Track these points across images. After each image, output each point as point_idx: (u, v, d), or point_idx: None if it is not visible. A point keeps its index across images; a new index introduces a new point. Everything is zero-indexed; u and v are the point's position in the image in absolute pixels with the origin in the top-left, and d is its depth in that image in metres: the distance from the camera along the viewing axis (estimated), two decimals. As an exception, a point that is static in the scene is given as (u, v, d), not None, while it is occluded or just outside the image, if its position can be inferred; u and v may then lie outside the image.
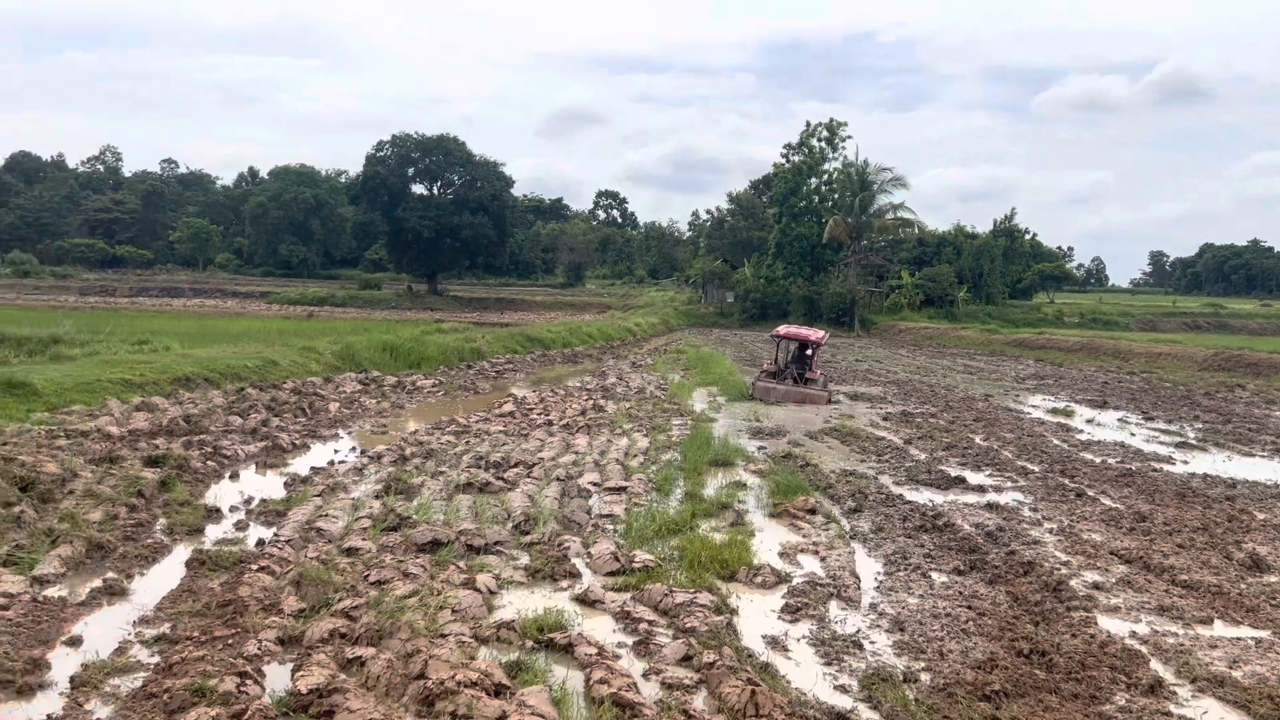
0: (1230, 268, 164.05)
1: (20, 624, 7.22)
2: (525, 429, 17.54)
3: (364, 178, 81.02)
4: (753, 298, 63.98)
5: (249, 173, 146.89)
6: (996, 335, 51.50)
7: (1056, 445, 17.78)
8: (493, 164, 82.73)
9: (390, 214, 79.58)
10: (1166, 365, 38.56)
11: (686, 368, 31.45)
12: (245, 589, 7.95)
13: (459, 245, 79.30)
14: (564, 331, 39.17)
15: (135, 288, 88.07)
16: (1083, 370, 37.17)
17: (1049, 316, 66.82)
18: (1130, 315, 72.40)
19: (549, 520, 10.83)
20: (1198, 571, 9.59)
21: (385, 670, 6.48)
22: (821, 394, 23.44)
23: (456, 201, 79.72)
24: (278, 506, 11.26)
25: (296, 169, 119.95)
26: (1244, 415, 23.21)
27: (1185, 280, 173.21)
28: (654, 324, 53.95)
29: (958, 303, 64.36)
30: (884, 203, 61.39)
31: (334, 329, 40.25)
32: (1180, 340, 46.70)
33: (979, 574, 9.43)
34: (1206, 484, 14.31)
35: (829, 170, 64.70)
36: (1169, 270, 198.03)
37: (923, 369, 36.08)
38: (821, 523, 11.29)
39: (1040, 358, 43.09)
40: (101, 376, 18.35)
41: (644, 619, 7.85)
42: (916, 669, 7.02)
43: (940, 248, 68.85)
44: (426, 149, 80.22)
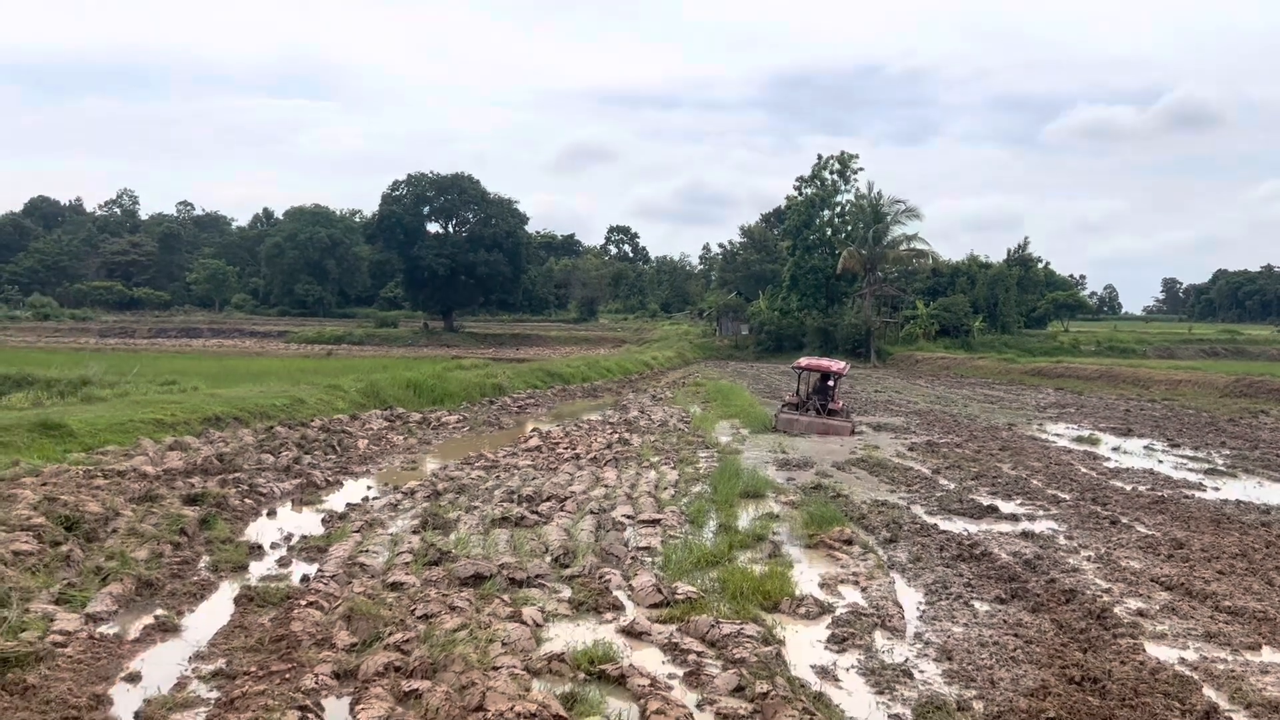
0: (1244, 294, 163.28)
1: (80, 661, 7.32)
2: (553, 463, 17.63)
3: (380, 216, 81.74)
4: (767, 330, 64.14)
5: (264, 213, 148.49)
6: (1014, 364, 51.43)
7: (1085, 473, 17.76)
8: (507, 201, 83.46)
9: (406, 252, 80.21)
10: (1187, 392, 38.42)
11: (706, 400, 31.52)
12: (298, 624, 8.04)
13: (474, 282, 79.78)
14: (583, 366, 39.34)
15: (154, 329, 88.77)
16: (1103, 398, 37.07)
17: (1065, 345, 66.69)
18: (1147, 343, 72.19)
19: (587, 553, 10.89)
20: (1240, 598, 9.58)
21: (444, 703, 6.54)
22: (845, 425, 23.47)
23: (472, 239, 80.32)
24: (318, 543, 11.36)
25: (311, 209, 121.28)
26: (1270, 441, 23.12)
27: (1199, 307, 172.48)
28: (670, 357, 54.09)
29: (973, 332, 64.36)
30: (898, 234, 61.71)
31: (354, 367, 40.53)
32: (1200, 367, 46.56)
33: (1021, 602, 9.44)
34: (1240, 510, 14.27)
35: (841, 202, 65.08)
36: (1182, 297, 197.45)
37: (942, 399, 36.05)
38: (859, 553, 11.32)
39: (1059, 386, 42.99)
40: (134, 417, 18.53)
41: (692, 650, 7.90)
42: (968, 697, 7.04)
43: (954, 278, 68.96)
44: (441, 187, 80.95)
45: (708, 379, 42.13)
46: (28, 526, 10.80)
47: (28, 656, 7.07)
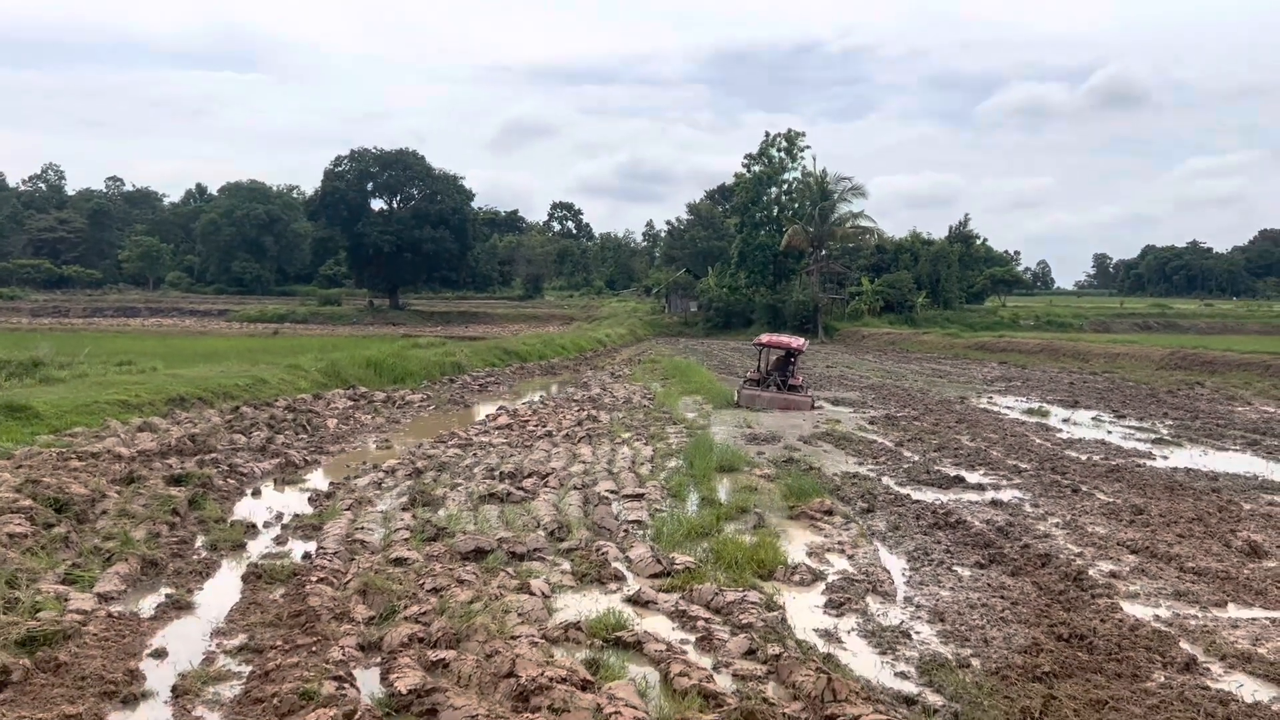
0: (1171, 269, 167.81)
1: (105, 638, 7.42)
2: (528, 440, 17.84)
3: (323, 193, 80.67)
4: (716, 307, 64.77)
5: (197, 189, 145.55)
6: (958, 339, 52.65)
7: (1040, 444, 18.44)
8: (452, 178, 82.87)
9: (350, 229, 79.34)
10: (1126, 365, 39.73)
11: (665, 377, 31.89)
12: (315, 599, 8.21)
13: (420, 259, 79.25)
14: (539, 344, 39.48)
15: (88, 308, 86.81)
16: (1046, 371, 38.20)
17: (1005, 320, 68.38)
18: (1083, 317, 74.27)
19: (579, 527, 11.16)
20: (1203, 559, 10.16)
21: (475, 670, 6.79)
22: (805, 400, 24.00)
23: (417, 216, 79.68)
24: (311, 521, 11.49)
25: (248, 185, 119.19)
26: (1209, 412, 24.12)
27: (1129, 282, 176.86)
28: (622, 334, 54.42)
29: (917, 308, 65.64)
30: (844, 211, 62.59)
31: (304, 346, 40.11)
32: (1136, 340, 48.12)
33: (1000, 567, 9.93)
34: (1190, 478, 14.99)
35: (788, 180, 65.75)
36: (1112, 272, 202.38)
37: (892, 373, 36.85)
38: (841, 523, 11.75)
39: (1003, 360, 44.16)
40: (99, 398, 18.34)
41: (699, 617, 8.23)
42: (966, 655, 7.46)
43: (898, 254, 70.17)
44: (385, 163, 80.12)
45: (662, 356, 42.51)
46: (16, 509, 10.75)
47: (55, 634, 7.17)
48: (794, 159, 65.34)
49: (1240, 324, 75.74)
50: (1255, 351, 38.82)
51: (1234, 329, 71.08)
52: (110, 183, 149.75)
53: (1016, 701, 6.48)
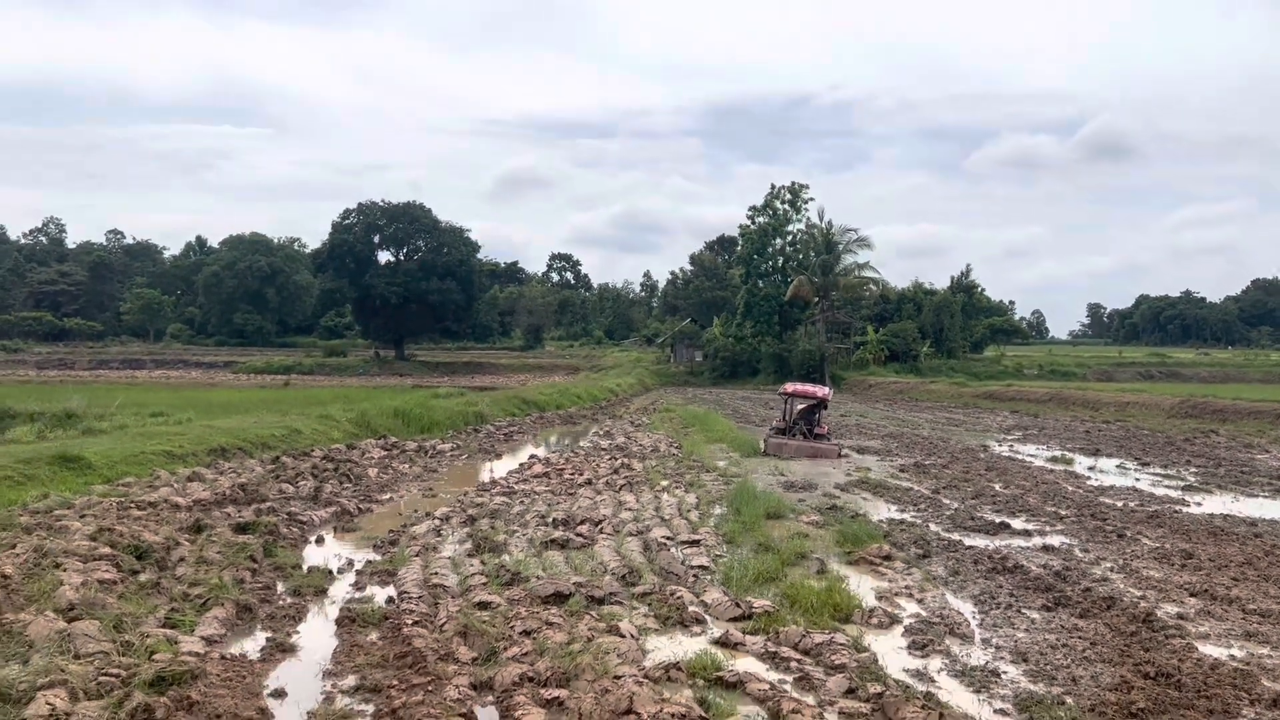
0: (1166, 318, 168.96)
1: (227, 679, 7.65)
2: (570, 489, 18.09)
3: (331, 245, 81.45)
4: (723, 356, 65.28)
5: (197, 242, 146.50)
6: (965, 388, 53.10)
7: (1073, 491, 18.72)
8: (458, 230, 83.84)
9: (358, 281, 79.99)
10: (1137, 413, 40.12)
11: (685, 426, 32.18)
12: (419, 641, 8.45)
13: (426, 310, 79.84)
14: (555, 394, 39.82)
15: (93, 360, 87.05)
16: (1059, 420, 38.56)
17: (1009, 369, 68.92)
18: (1086, 366, 74.86)
19: (647, 572, 11.40)
20: (1263, 601, 10.43)
21: (595, 707, 7.02)
22: (832, 448, 24.30)
23: (424, 267, 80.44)
24: (385, 567, 11.72)
25: (249, 238, 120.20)
26: (1230, 459, 24.46)
27: (1123, 331, 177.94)
28: (632, 384, 54.80)
29: (921, 357, 66.21)
30: (849, 262, 63.38)
31: (316, 397, 40.41)
32: (1145, 389, 48.56)
33: (1067, 610, 10.17)
34: (1230, 524, 15.27)
35: (793, 231, 66.66)
36: (1106, 322, 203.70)
37: (906, 422, 37.17)
38: (902, 568, 12.00)
39: (1014, 409, 44.54)
40: (145, 449, 18.60)
41: (790, 658, 8.47)
42: (1058, 694, 7.70)
43: (901, 304, 70.88)
44: (393, 216, 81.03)
45: (675, 405, 42.84)
46: (99, 556, 11.02)
47: (183, 674, 7.39)
48: (798, 210, 66.36)
49: (1241, 373, 76.38)
50: (1265, 400, 39.28)
51: (1235, 378, 71.65)
52: (111, 235, 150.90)
53: (1122, 736, 6.72)
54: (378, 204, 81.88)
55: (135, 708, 6.69)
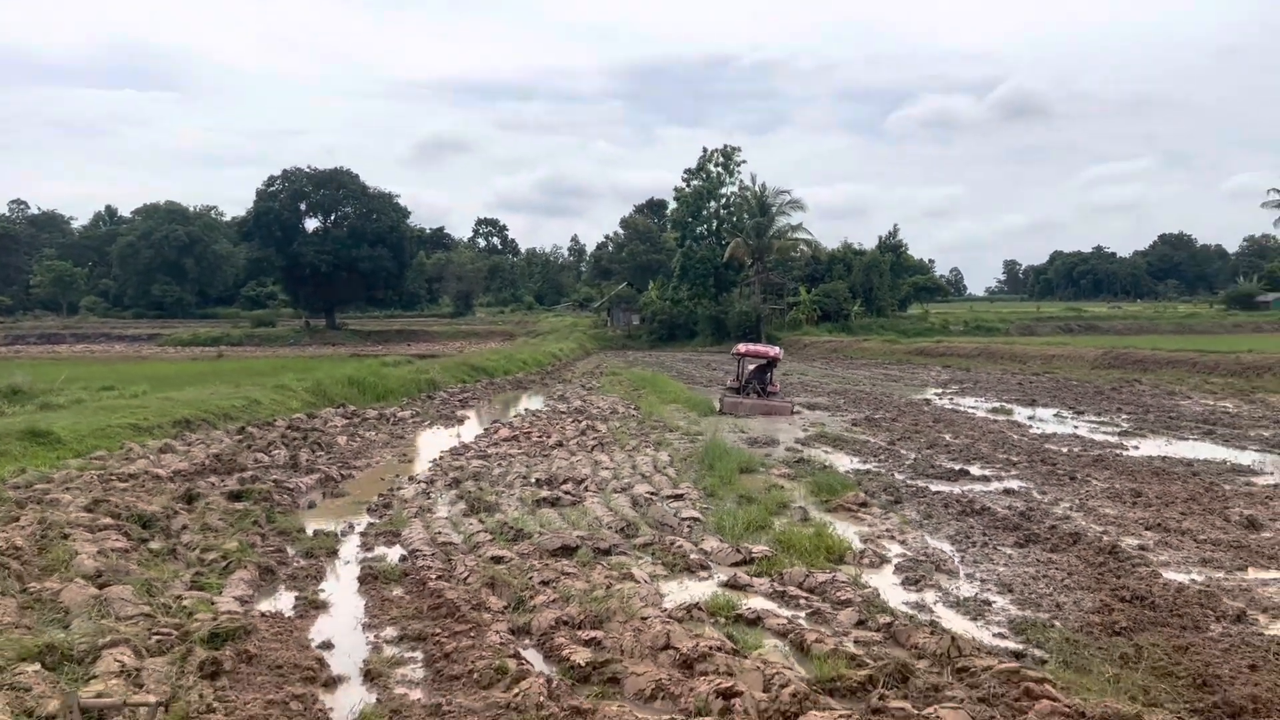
0: (1078, 273, 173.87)
1: (276, 634, 8.01)
2: (544, 450, 18.51)
3: (256, 213, 79.84)
4: (660, 319, 65.96)
5: (107, 212, 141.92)
6: (897, 345, 54.57)
7: (1019, 439, 19.73)
8: (388, 195, 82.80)
9: (285, 249, 78.61)
10: (1063, 365, 41.77)
11: (635, 388, 32.73)
12: (451, 594, 8.88)
13: (357, 278, 78.92)
14: (501, 360, 40.05)
15: (8, 335, 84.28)
16: (990, 373, 40.01)
17: (936, 326, 70.72)
18: (1008, 321, 77.18)
19: (643, 525, 11.94)
20: (1211, 532, 11.36)
21: (634, 644, 7.55)
22: (785, 405, 25.08)
23: (354, 234, 79.38)
24: (387, 528, 12.06)
25: (165, 207, 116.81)
26: (1156, 406, 25.84)
27: (1038, 287, 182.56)
28: (573, 349, 55.19)
29: (852, 316, 67.67)
30: (782, 224, 64.33)
31: (254, 368, 40.07)
32: (1068, 342, 50.58)
33: (1039, 546, 10.97)
34: (1169, 464, 16.33)
35: (726, 194, 67.33)
36: (1022, 278, 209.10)
37: (847, 379, 38.25)
38: (880, 514, 12.73)
39: (946, 364, 46.01)
40: (111, 423, 18.53)
41: (798, 596, 9.09)
42: (1046, 618, 8.44)
43: (831, 265, 72.22)
44: (319, 182, 79.67)
45: (619, 369, 43.36)
46: (104, 526, 11.20)
47: (235, 631, 7.73)
48: (731, 173, 67.06)
49: (1154, 324, 79.49)
50: (1180, 349, 41.22)
51: (1148, 329, 74.57)
52: (14, 206, 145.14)
53: (1111, 650, 7.47)
54: (303, 170, 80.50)
55: (203, 661, 7.02)
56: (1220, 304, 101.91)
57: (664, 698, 6.70)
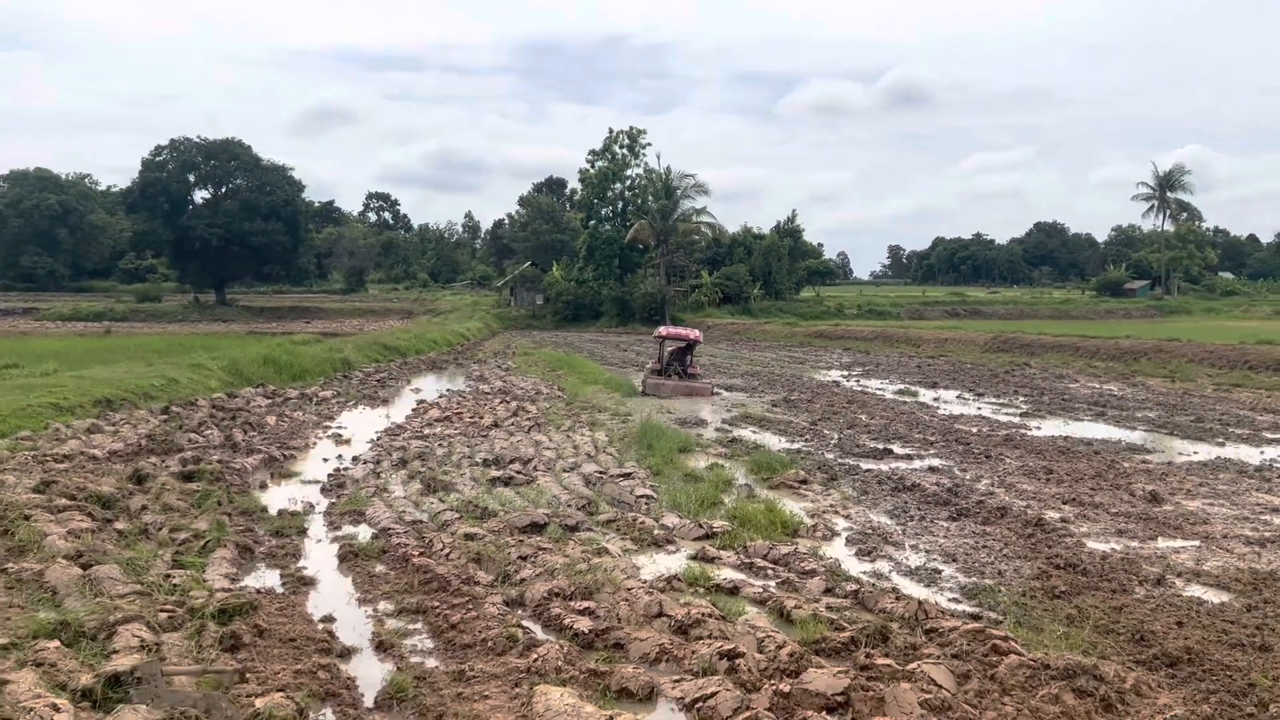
0: (959, 259, 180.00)
1: (279, 608, 8.26)
2: (480, 431, 18.78)
3: (142, 184, 76.85)
4: (565, 300, 66.25)
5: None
6: (797, 328, 56.15)
7: (930, 419, 20.87)
8: (281, 168, 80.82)
9: (173, 222, 75.93)
10: (955, 349, 43.74)
11: (552, 368, 33.09)
12: (440, 568, 9.25)
13: (248, 253, 76.79)
14: (412, 339, 39.86)
15: None
16: (888, 356, 41.64)
17: (832, 309, 72.89)
18: (899, 305, 79.93)
19: (602, 502, 12.45)
20: (1121, 505, 12.45)
21: (629, 612, 8.06)
22: (705, 387, 25.84)
23: (246, 207, 77.12)
24: (348, 507, 12.26)
25: (35, 174, 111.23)
26: (1049, 389, 27.48)
27: (921, 271, 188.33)
28: (480, 329, 55.11)
29: (752, 299, 69.16)
30: (687, 207, 65.27)
31: (148, 345, 38.94)
32: (960, 327, 52.75)
33: (970, 519, 11.86)
34: (1070, 444, 17.58)
35: (632, 176, 67.93)
36: (905, 263, 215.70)
37: (755, 361, 39.32)
38: (820, 490, 13.50)
39: (845, 347, 47.62)
40: (30, 401, 18.08)
41: (766, 567, 9.73)
42: (992, 584, 9.26)
43: (731, 248, 73.58)
44: (210, 153, 77.15)
45: (530, 349, 43.61)
46: (63, 507, 11.16)
47: (243, 606, 7.96)
48: (636, 155, 67.63)
49: (1033, 310, 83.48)
50: (1064, 334, 43.69)
51: (1029, 314, 78.28)
52: None
53: (1056, 611, 8.32)
54: (192, 140, 77.78)
55: (222, 635, 7.26)
56: (1091, 290, 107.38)
57: (668, 660, 7.23)
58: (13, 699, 5.92)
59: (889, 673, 6.71)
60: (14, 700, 5.91)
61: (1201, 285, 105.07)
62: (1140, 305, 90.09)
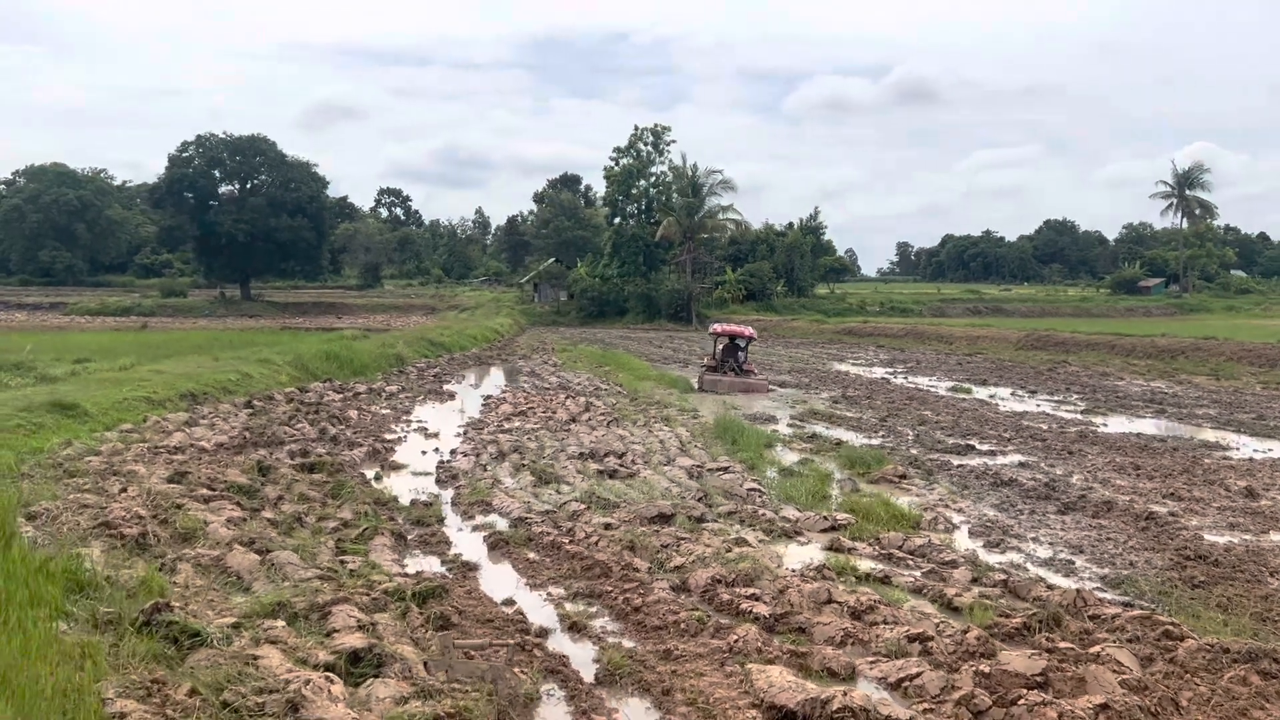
0: (969, 256, 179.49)
1: (466, 591, 8.65)
2: (561, 425, 19.09)
3: (169, 180, 77.26)
4: (590, 296, 66.61)
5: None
6: (825, 325, 56.53)
7: (995, 417, 21.17)
8: (305, 164, 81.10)
9: (199, 217, 76.37)
10: (989, 347, 44.06)
11: (599, 364, 33.48)
12: (600, 555, 9.63)
13: (274, 248, 77.19)
14: (453, 335, 40.35)
15: (-105, 301, 79.84)
16: (924, 354, 41.99)
17: (854, 306, 73.31)
18: (921, 303, 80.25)
19: (716, 495, 12.80)
20: (1222, 500, 12.77)
21: (800, 599, 8.43)
22: (762, 383, 26.21)
23: (273, 204, 77.52)
24: (473, 499, 12.60)
25: (51, 169, 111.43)
26: (1098, 386, 27.82)
27: (931, 269, 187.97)
28: (510, 325, 55.54)
29: (775, 296, 69.56)
30: (713, 204, 65.65)
31: (189, 340, 39.37)
32: (992, 324, 53.05)
33: (1079, 513, 12.18)
34: (1144, 440, 17.91)
35: (656, 173, 68.31)
36: (914, 260, 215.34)
37: (794, 358, 39.65)
38: (922, 485, 13.84)
39: (879, 344, 47.98)
40: (126, 395, 18.52)
41: (905, 558, 10.07)
42: (1129, 575, 9.61)
43: (754, 245, 73.97)
44: (236, 149, 77.57)
45: (565, 345, 44.03)
46: (210, 497, 11.56)
47: (435, 589, 8.35)
48: (660, 152, 67.99)
49: (1054, 308, 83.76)
50: (1099, 333, 44.03)
51: (1050, 312, 78.59)
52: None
53: (1207, 600, 8.67)
54: (219, 136, 78.15)
55: (429, 616, 7.64)
56: (1106, 288, 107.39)
57: (854, 643, 7.59)
58: (269, 672, 6.31)
59: (1073, 656, 7.05)
60: (269, 672, 6.29)
61: (1216, 283, 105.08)
62: (1160, 303, 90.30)
